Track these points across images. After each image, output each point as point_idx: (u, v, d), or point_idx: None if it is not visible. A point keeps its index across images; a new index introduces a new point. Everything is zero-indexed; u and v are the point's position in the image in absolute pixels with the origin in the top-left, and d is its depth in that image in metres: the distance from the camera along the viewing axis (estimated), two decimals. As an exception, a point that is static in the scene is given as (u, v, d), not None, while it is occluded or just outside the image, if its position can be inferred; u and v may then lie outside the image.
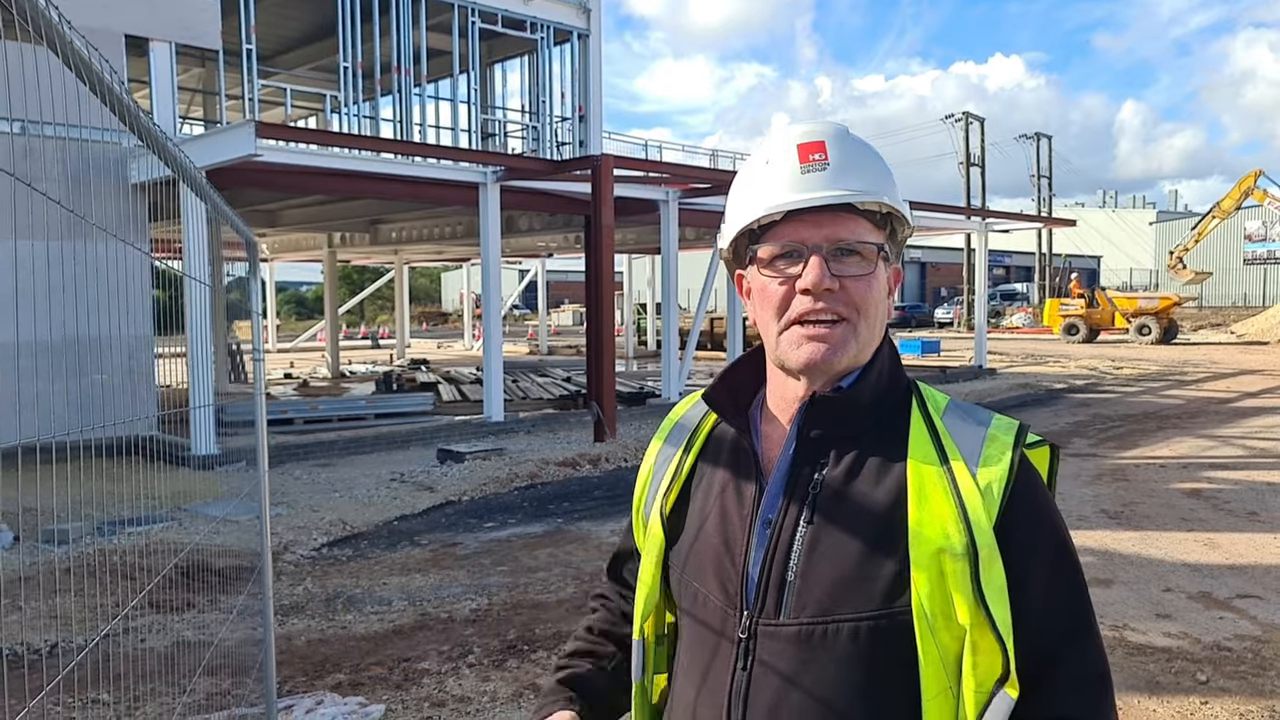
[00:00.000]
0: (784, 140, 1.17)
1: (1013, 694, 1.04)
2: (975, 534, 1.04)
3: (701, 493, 1.25)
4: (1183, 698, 4.28)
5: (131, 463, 7.78)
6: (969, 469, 1.09)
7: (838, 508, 1.12)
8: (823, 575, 1.10)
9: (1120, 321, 31.75)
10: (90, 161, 10.10)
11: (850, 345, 1.13)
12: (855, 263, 1.14)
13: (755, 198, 1.17)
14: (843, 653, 1.08)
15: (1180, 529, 7.40)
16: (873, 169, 1.16)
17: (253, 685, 4.37)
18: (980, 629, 1.03)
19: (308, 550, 7.11)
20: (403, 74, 15.61)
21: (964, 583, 1.03)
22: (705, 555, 1.20)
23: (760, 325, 1.20)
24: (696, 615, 1.21)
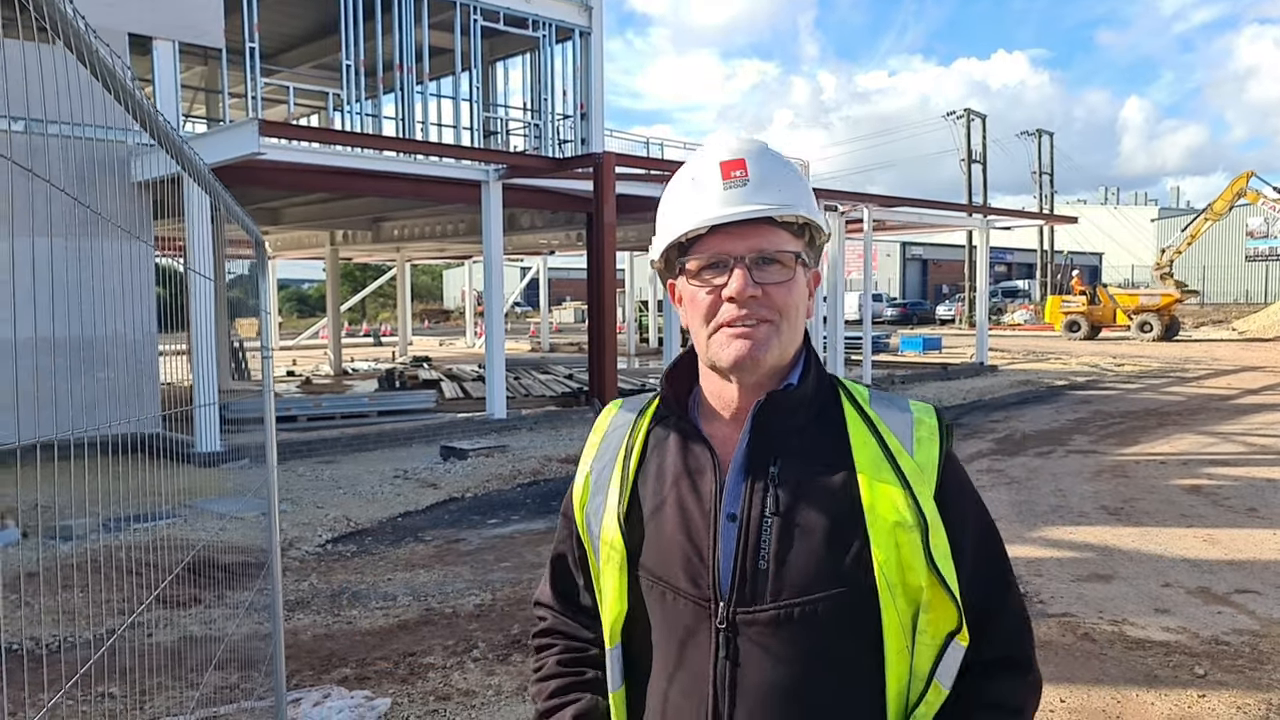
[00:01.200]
0: (708, 158, 1.25)
1: (964, 643, 1.19)
2: (923, 508, 1.18)
3: (651, 495, 1.29)
4: (1180, 691, 4.32)
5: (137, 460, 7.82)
6: (906, 451, 1.23)
7: (798, 496, 1.21)
8: (793, 560, 1.19)
9: (1122, 318, 31.75)
10: (94, 160, 10.13)
11: (774, 344, 1.22)
12: (776, 270, 1.22)
13: (683, 213, 1.25)
14: (818, 629, 1.18)
15: (1180, 525, 7.43)
16: (789, 183, 1.25)
17: (260, 679, 4.42)
18: (934, 589, 1.17)
19: (313, 546, 7.16)
20: (405, 72, 15.65)
21: (917, 552, 1.17)
22: (670, 554, 1.25)
23: (692, 330, 1.28)
24: (669, 613, 1.25)
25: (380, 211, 18.55)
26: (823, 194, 17.19)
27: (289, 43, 18.69)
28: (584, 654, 1.42)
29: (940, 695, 1.20)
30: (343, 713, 4.12)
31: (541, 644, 1.47)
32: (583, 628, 1.43)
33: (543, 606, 1.49)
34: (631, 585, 1.29)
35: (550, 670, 1.42)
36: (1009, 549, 4.50)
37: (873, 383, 17.13)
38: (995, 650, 1.24)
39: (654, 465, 1.31)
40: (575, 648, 1.43)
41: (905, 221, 20.66)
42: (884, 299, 47.61)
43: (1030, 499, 8.45)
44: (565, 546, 1.45)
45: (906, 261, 57.00)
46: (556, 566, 1.47)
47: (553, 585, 1.48)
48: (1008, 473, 9.74)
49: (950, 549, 1.19)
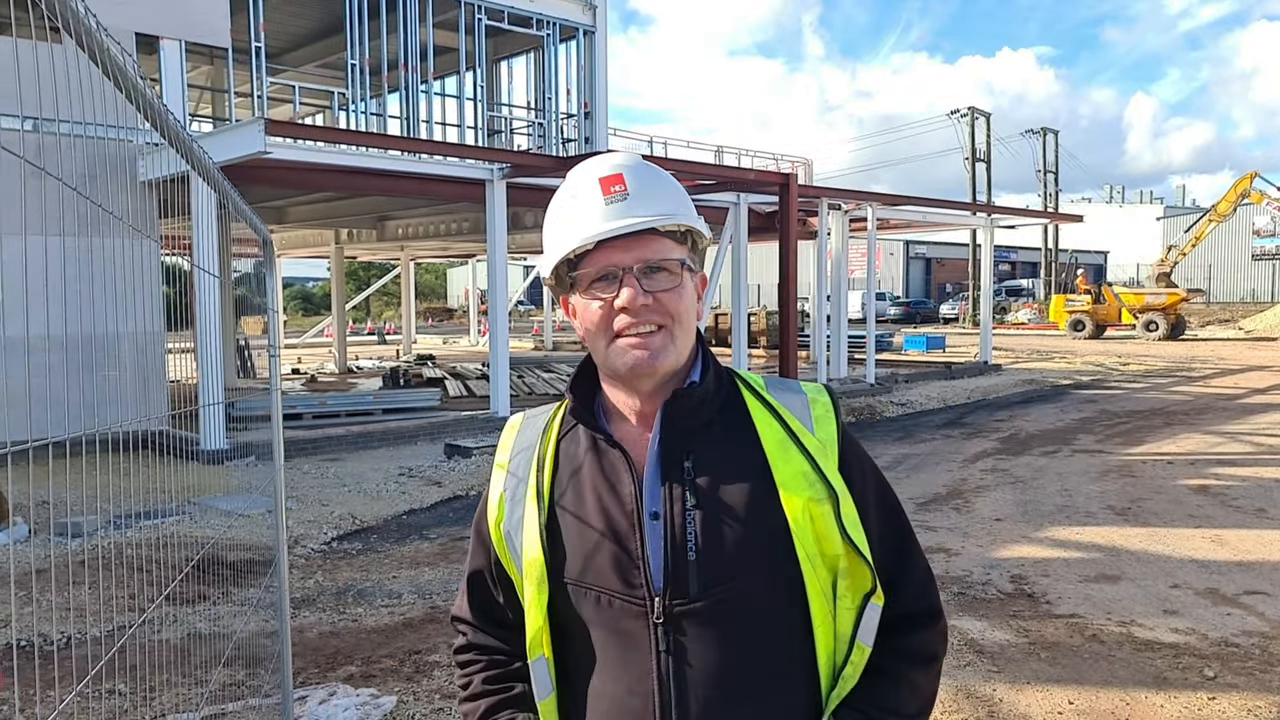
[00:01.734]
0: (587, 175, 1.30)
1: (879, 602, 1.28)
2: (830, 480, 1.27)
3: (572, 503, 1.31)
4: (1190, 693, 4.30)
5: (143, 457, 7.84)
6: (808, 430, 1.31)
7: (714, 486, 1.27)
8: (720, 549, 1.24)
9: (1127, 317, 31.67)
10: (101, 159, 10.14)
11: (670, 348, 1.27)
12: (664, 278, 1.27)
13: (568, 230, 1.29)
14: (751, 610, 1.25)
15: (1188, 525, 7.41)
16: (668, 194, 1.30)
17: (267, 676, 4.42)
18: (849, 556, 1.25)
19: (318, 544, 7.16)
20: (410, 71, 15.65)
21: (830, 522, 1.25)
22: (599, 559, 1.27)
23: (588, 342, 1.31)
24: (604, 617, 1.27)
25: (385, 210, 18.55)
26: (826, 192, 17.17)
27: (295, 42, 18.71)
28: (508, 668, 1.43)
29: (864, 653, 1.28)
30: (348, 710, 4.12)
31: (464, 659, 1.48)
32: (503, 642, 1.44)
33: (462, 622, 1.50)
34: (557, 596, 1.30)
35: (478, 689, 1.43)
36: (1013, 550, 4.54)
37: (876, 381, 17.11)
38: (907, 605, 1.32)
39: (568, 475, 1.33)
40: (499, 662, 1.44)
41: (909, 220, 20.62)
42: (888, 298, 47.53)
43: (1036, 499, 8.43)
44: (481, 564, 1.44)
45: (910, 260, 56.91)
46: (474, 583, 1.47)
47: (470, 601, 1.48)
48: (1012, 472, 9.72)
49: (858, 515, 1.27)
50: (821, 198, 16.76)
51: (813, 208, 16.94)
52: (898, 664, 1.31)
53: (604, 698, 1.28)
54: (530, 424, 1.42)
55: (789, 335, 14.93)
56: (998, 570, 6.23)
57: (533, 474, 1.35)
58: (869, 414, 14.30)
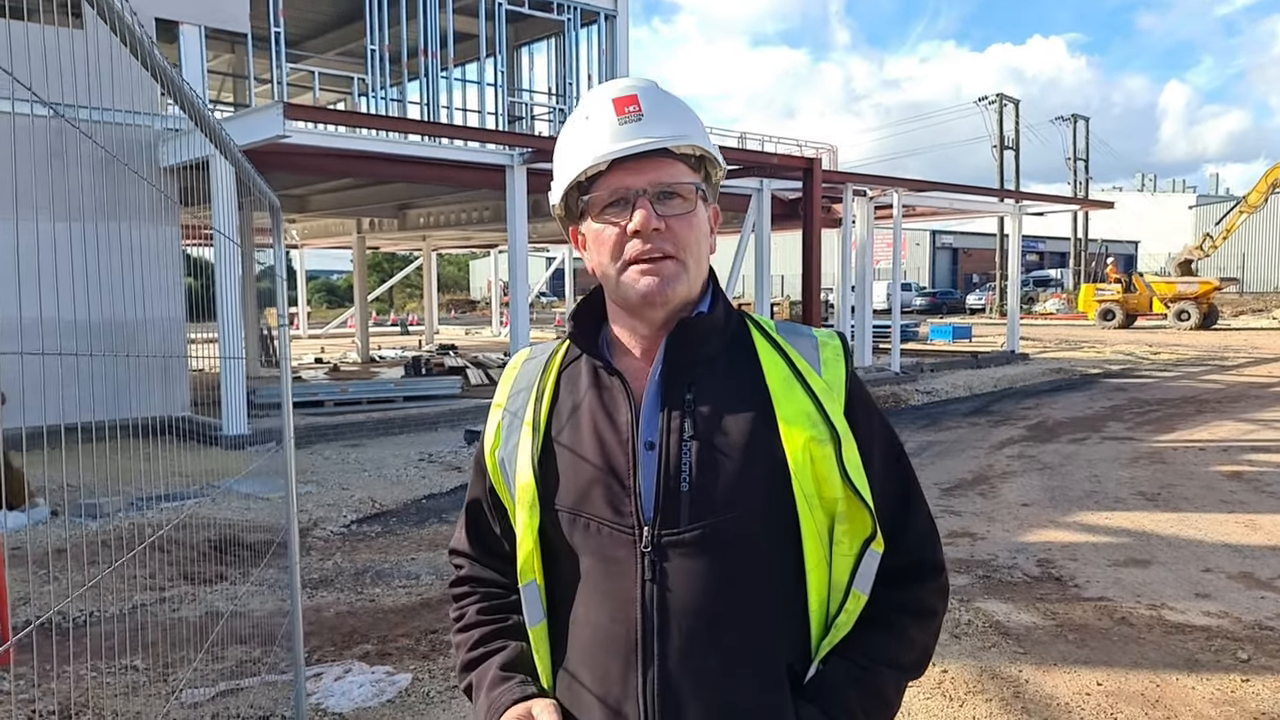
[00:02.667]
0: (601, 97, 1.27)
1: (879, 549, 1.23)
2: (834, 423, 1.23)
3: (568, 432, 1.29)
4: (1223, 675, 4.18)
5: (165, 442, 7.88)
6: (815, 371, 1.27)
7: (714, 419, 1.23)
8: (713, 481, 1.21)
9: (1158, 307, 31.20)
10: (123, 144, 10.18)
11: (682, 278, 1.24)
12: (678, 203, 1.24)
13: (580, 151, 1.26)
14: (741, 546, 1.21)
15: (1220, 510, 7.25)
16: (682, 116, 1.27)
17: (282, 654, 4.40)
18: (849, 500, 1.21)
19: (337, 526, 7.16)
20: (430, 57, 15.63)
21: (831, 465, 1.21)
22: (591, 486, 1.25)
23: (599, 270, 1.28)
24: (592, 545, 1.25)
25: (405, 198, 18.56)
26: (851, 178, 16.99)
27: (315, 29, 18.74)
28: (504, 599, 1.41)
29: (859, 602, 1.24)
30: (363, 687, 4.09)
31: (460, 592, 1.46)
32: (499, 574, 1.42)
33: (459, 555, 1.48)
34: (549, 522, 1.28)
35: (471, 619, 1.41)
36: (1040, 534, 4.43)
37: (901, 369, 16.93)
38: (907, 556, 1.28)
39: (567, 404, 1.31)
40: (494, 594, 1.43)
41: (935, 207, 20.37)
42: (913, 288, 47.11)
43: (1064, 484, 8.28)
44: (479, 493, 1.43)
45: (936, 250, 56.40)
46: (471, 513, 1.45)
47: (468, 532, 1.46)
48: (1040, 458, 9.56)
49: (860, 461, 1.23)
50: (846, 183, 16.57)
51: (837, 194, 16.76)
52: (894, 615, 1.27)
53: (587, 625, 1.25)
54: (532, 361, 1.40)
55: (813, 323, 14.80)
56: (1024, 554, 6.11)
57: (531, 403, 1.33)
58: (894, 402, 14.16)
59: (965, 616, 4.96)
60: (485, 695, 1.32)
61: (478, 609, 1.42)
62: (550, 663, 1.32)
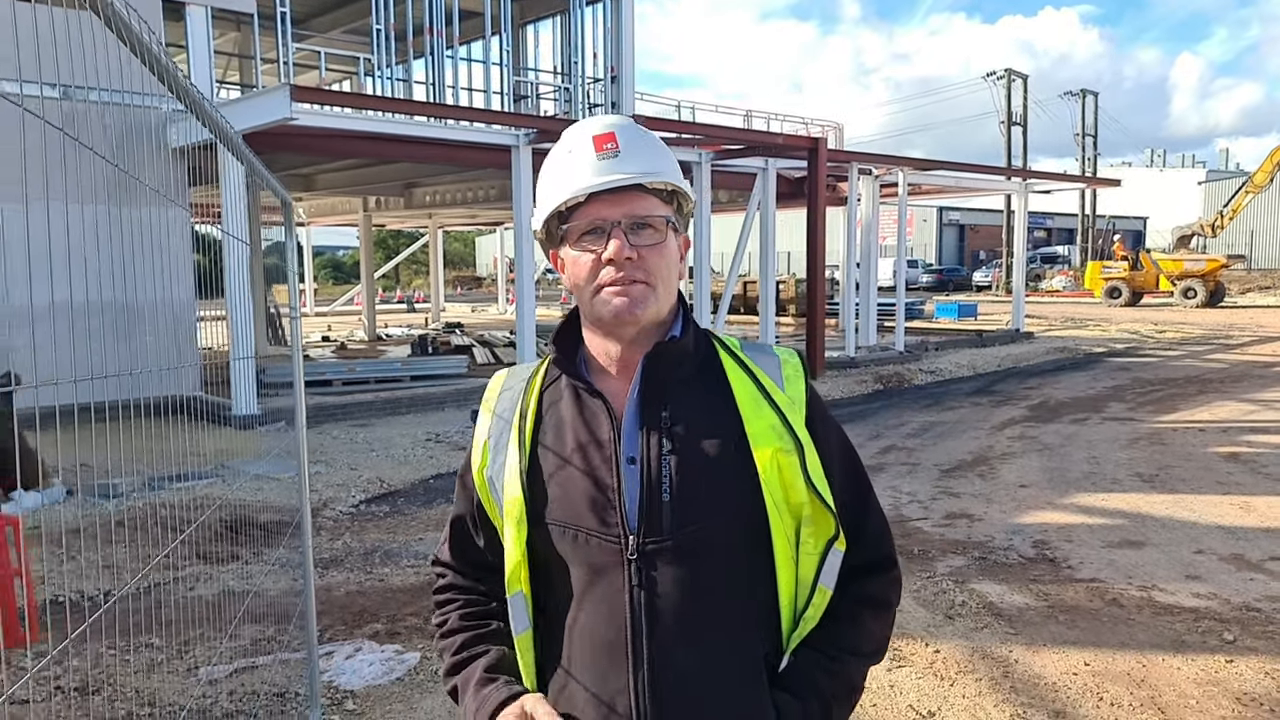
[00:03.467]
0: (582, 133, 1.38)
1: (840, 548, 1.36)
2: (797, 434, 1.35)
3: (553, 449, 1.39)
4: (1208, 656, 4.29)
5: (177, 422, 8.00)
6: (779, 387, 1.39)
7: (689, 434, 1.35)
8: (693, 492, 1.32)
9: (1165, 284, 31.12)
10: (131, 126, 10.25)
11: (651, 300, 1.34)
12: (649, 234, 1.34)
13: (561, 183, 1.37)
14: (718, 550, 1.33)
15: (1216, 492, 7.34)
16: (656, 154, 1.38)
17: (294, 632, 4.53)
18: (813, 504, 1.33)
19: (346, 506, 7.30)
20: (435, 36, 15.61)
21: (796, 472, 1.33)
22: (578, 500, 1.35)
23: (575, 293, 1.39)
24: (582, 555, 1.34)
25: (412, 177, 18.60)
26: (856, 157, 16.97)
27: (320, 7, 18.70)
28: (485, 607, 1.51)
29: (825, 596, 1.37)
30: (373, 665, 4.23)
31: (442, 599, 1.55)
32: (480, 583, 1.52)
33: (441, 565, 1.58)
34: (538, 536, 1.37)
35: (454, 625, 1.50)
36: (1037, 516, 4.59)
37: (905, 349, 16.99)
38: (865, 555, 1.41)
39: (551, 423, 1.41)
40: (476, 602, 1.52)
41: (941, 185, 20.35)
42: (920, 265, 46.94)
43: (1063, 465, 8.37)
44: (464, 509, 1.52)
45: (943, 227, 56.15)
46: (456, 528, 1.54)
47: (451, 546, 1.55)
48: (1040, 439, 9.66)
49: (822, 469, 1.35)
50: (851, 162, 16.56)
51: (843, 173, 16.75)
52: (855, 608, 1.39)
53: (581, 630, 1.35)
54: (514, 378, 1.50)
55: (817, 303, 14.85)
56: (1020, 536, 6.22)
57: (515, 422, 1.42)
58: (898, 381, 14.23)
59: (960, 598, 5.07)
60: (473, 695, 1.41)
61: (460, 615, 1.51)
62: (535, 668, 1.41)
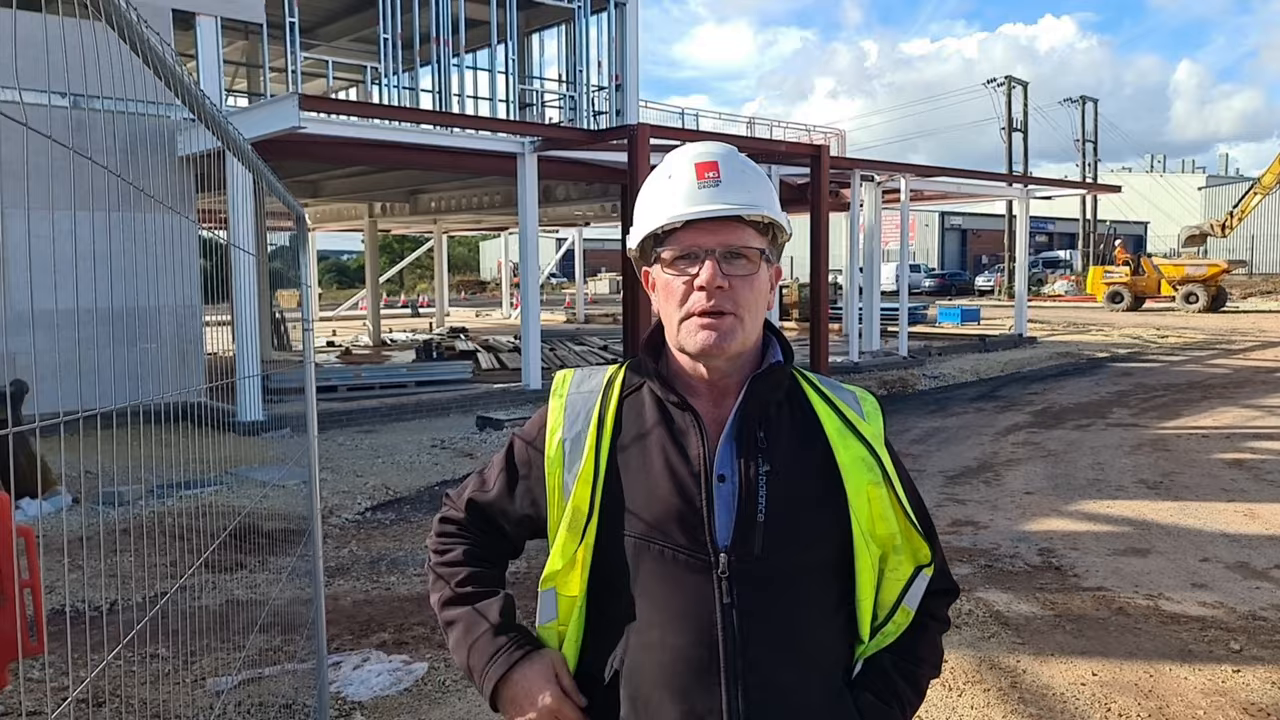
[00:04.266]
0: (684, 158, 1.40)
1: (930, 574, 1.42)
2: (885, 467, 1.39)
3: (636, 461, 1.38)
4: (1214, 666, 4.30)
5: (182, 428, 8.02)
6: (861, 420, 1.43)
7: (783, 459, 1.37)
8: (786, 515, 1.35)
9: (1166, 289, 31.10)
10: (140, 134, 10.29)
11: (738, 333, 1.36)
12: (742, 265, 1.36)
13: (660, 207, 1.39)
14: (809, 573, 1.37)
15: (1220, 499, 7.34)
16: (756, 185, 1.40)
17: (302, 642, 4.54)
18: (905, 534, 1.39)
19: (352, 514, 7.31)
20: (441, 44, 15.67)
21: (885, 504, 1.37)
22: (663, 514, 1.35)
23: (663, 315, 1.41)
24: (665, 570, 1.34)
25: (418, 184, 18.65)
26: (859, 164, 16.99)
27: (328, 17, 18.76)
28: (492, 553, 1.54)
29: (908, 616, 1.42)
30: (381, 676, 4.24)
31: (447, 530, 1.55)
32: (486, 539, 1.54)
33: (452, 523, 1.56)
34: (608, 546, 1.36)
35: (459, 557, 1.51)
36: (1043, 522, 4.63)
37: (909, 354, 17.00)
38: (935, 582, 1.46)
39: (632, 432, 1.40)
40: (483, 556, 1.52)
41: (943, 191, 20.37)
42: (922, 269, 47.01)
43: (1067, 472, 8.38)
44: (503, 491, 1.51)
45: (945, 231, 56.18)
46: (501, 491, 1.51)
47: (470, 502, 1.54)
48: (1045, 445, 9.66)
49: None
50: (854, 169, 16.59)
51: (845, 179, 16.78)
52: (926, 621, 1.46)
53: (665, 649, 1.34)
54: (584, 380, 1.49)
55: (821, 307, 14.87)
56: (1026, 543, 6.23)
57: (593, 427, 1.41)
58: (901, 387, 14.24)
59: (966, 606, 5.08)
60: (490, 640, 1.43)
61: (465, 551, 1.51)
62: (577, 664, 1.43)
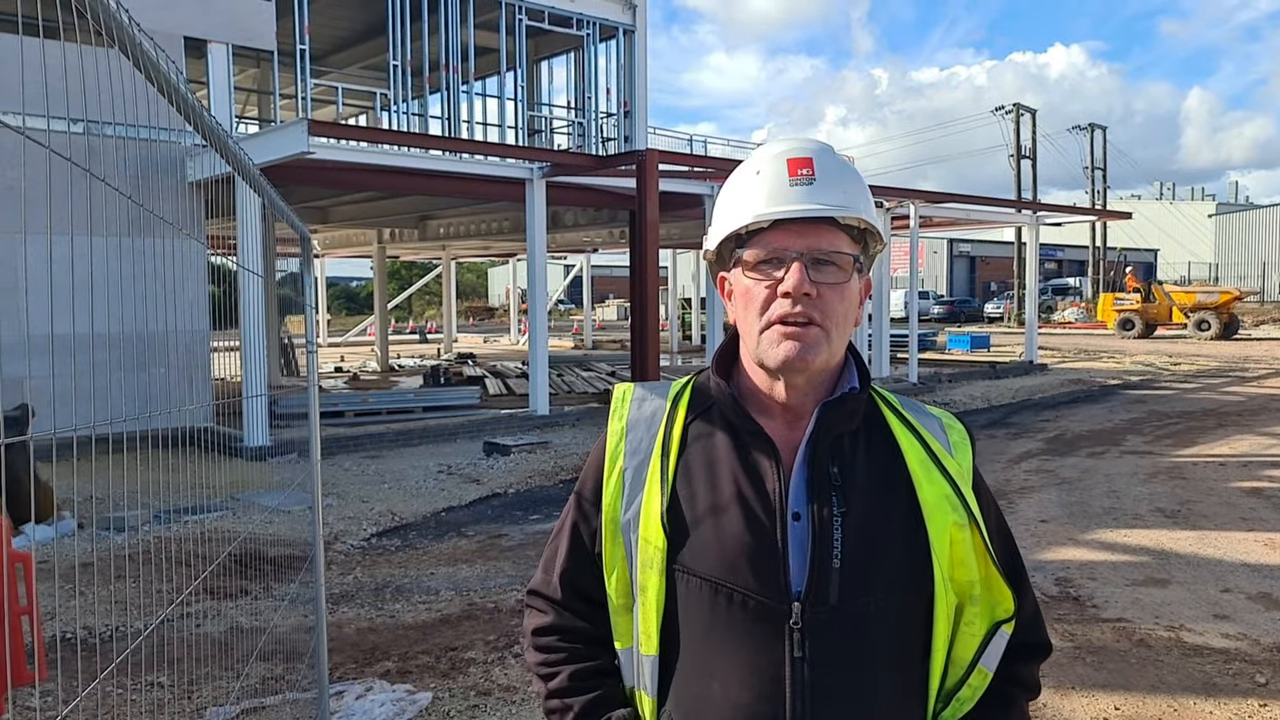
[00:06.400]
0: (774, 153, 1.26)
1: (1009, 630, 1.26)
2: (970, 507, 1.24)
3: (705, 494, 1.24)
4: (1240, 700, 4.18)
5: (188, 453, 7.99)
6: (947, 454, 1.28)
7: (860, 495, 1.23)
8: (864, 559, 1.20)
9: (1178, 316, 30.97)
10: (151, 160, 10.34)
11: (823, 347, 1.22)
12: (832, 272, 1.22)
13: (744, 205, 1.25)
14: (886, 624, 1.22)
15: (1240, 528, 7.21)
16: (852, 187, 1.25)
17: (304, 671, 4.46)
18: (986, 582, 1.23)
19: (357, 540, 7.23)
20: (451, 71, 15.77)
21: (968, 548, 1.22)
22: (734, 554, 1.21)
23: (741, 325, 1.27)
24: (730, 616, 1.21)
25: (426, 209, 18.71)
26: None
27: (338, 44, 18.95)
28: (598, 662, 1.34)
29: (985, 678, 1.26)
30: (384, 706, 4.15)
31: (545, 645, 1.38)
32: (589, 623, 1.36)
33: (543, 599, 1.40)
34: (677, 588, 1.24)
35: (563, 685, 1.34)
36: (1058, 552, 4.49)
37: (919, 380, 16.90)
38: (1022, 636, 1.30)
39: (700, 460, 1.26)
40: (588, 653, 1.35)
41: (952, 217, 20.35)
42: (931, 296, 46.98)
43: (1083, 500, 8.26)
44: (581, 535, 1.36)
45: (954, 258, 56.18)
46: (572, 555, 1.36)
47: (564, 576, 1.37)
48: (1058, 473, 9.54)
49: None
50: (863, 195, 16.57)
51: (854, 205, 16.76)
52: (1010, 690, 1.30)
53: (726, 705, 1.21)
54: (647, 398, 1.34)
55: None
56: (1043, 573, 6.11)
57: (657, 453, 1.27)
58: (910, 414, 14.12)
59: (982, 637, 4.96)
60: None
61: (571, 675, 1.34)
62: None
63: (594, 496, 1.33)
